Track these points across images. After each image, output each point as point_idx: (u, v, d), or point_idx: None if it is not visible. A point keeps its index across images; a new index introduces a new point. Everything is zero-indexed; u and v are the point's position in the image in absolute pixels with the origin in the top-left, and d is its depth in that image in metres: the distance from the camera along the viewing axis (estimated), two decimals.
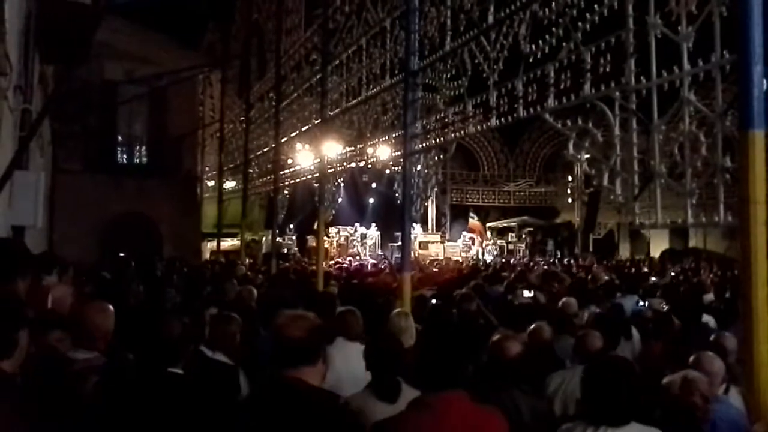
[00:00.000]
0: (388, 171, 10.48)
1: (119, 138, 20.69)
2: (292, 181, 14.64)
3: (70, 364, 3.45)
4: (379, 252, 27.11)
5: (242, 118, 18.81)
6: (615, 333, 5.09)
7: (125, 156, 21.03)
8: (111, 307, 3.78)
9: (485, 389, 2.73)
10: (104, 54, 16.78)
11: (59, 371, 3.38)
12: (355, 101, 10.49)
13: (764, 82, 3.67)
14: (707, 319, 6.90)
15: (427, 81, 8.21)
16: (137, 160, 21.02)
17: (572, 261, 21.60)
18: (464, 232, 30.40)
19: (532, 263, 20.22)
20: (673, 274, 14.60)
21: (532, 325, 5.06)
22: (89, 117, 17.67)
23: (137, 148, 21.00)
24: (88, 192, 17.79)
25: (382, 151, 10.14)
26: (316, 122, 12.27)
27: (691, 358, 4.00)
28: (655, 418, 3.59)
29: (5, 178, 6.35)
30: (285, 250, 24.13)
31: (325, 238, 21.40)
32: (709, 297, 8.98)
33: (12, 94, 7.39)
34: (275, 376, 2.64)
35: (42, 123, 9.04)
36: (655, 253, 28.04)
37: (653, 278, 12.47)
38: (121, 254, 15.04)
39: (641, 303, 8.26)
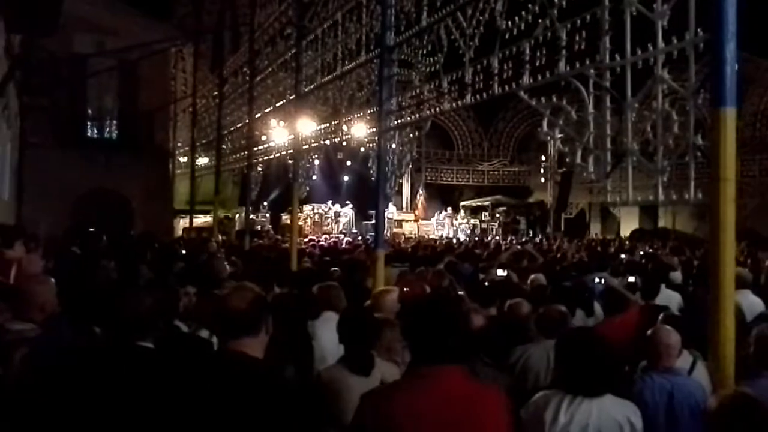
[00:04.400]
0: (362, 149, 10.42)
1: (89, 112, 20.18)
2: (266, 158, 14.50)
3: (4, 334, 3.39)
4: (354, 230, 27.12)
5: (215, 93, 18.55)
6: (572, 304, 5.19)
7: (95, 130, 20.55)
8: (52, 279, 3.71)
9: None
10: (73, 25, 16.36)
11: None
12: (330, 77, 10.38)
13: None
14: (673, 295, 7.02)
15: (402, 57, 8.15)
16: (107, 135, 20.55)
17: (544, 240, 21.81)
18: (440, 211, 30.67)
19: (504, 242, 20.35)
20: (642, 253, 14.78)
21: (510, 301, 5.06)
22: (58, 90, 17.26)
23: (107, 122, 20.53)
24: (58, 166, 17.37)
25: (358, 129, 10.07)
26: (291, 98, 12.14)
27: (649, 332, 4.09)
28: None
29: None
30: (259, 227, 24.00)
31: (299, 215, 21.33)
32: (677, 275, 9.12)
33: None
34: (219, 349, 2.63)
35: (6, 90, 8.82)
36: (625, 232, 28.51)
37: (623, 256, 12.62)
38: (91, 229, 14.77)
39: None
